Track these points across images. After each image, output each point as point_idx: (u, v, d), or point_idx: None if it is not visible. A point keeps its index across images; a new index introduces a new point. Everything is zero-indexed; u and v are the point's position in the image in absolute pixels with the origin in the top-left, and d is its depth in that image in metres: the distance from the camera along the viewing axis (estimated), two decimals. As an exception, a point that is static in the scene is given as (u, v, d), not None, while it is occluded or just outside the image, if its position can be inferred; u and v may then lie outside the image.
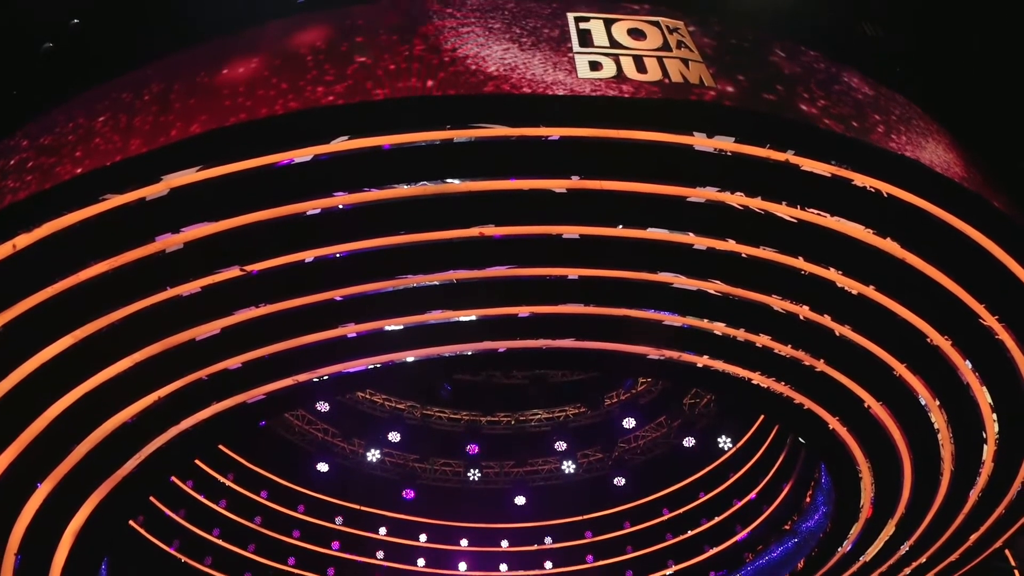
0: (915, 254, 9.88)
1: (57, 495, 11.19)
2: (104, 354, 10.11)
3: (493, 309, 11.96)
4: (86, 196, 8.30)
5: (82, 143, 8.29)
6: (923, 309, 10.78)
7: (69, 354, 9.68)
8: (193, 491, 28.15)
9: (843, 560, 18.01)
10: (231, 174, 8.54)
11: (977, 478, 14.02)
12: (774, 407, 14.48)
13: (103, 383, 10.31)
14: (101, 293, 9.29)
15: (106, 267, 9.06)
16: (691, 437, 30.98)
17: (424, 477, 33.42)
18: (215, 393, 11.72)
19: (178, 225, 9.03)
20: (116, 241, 8.95)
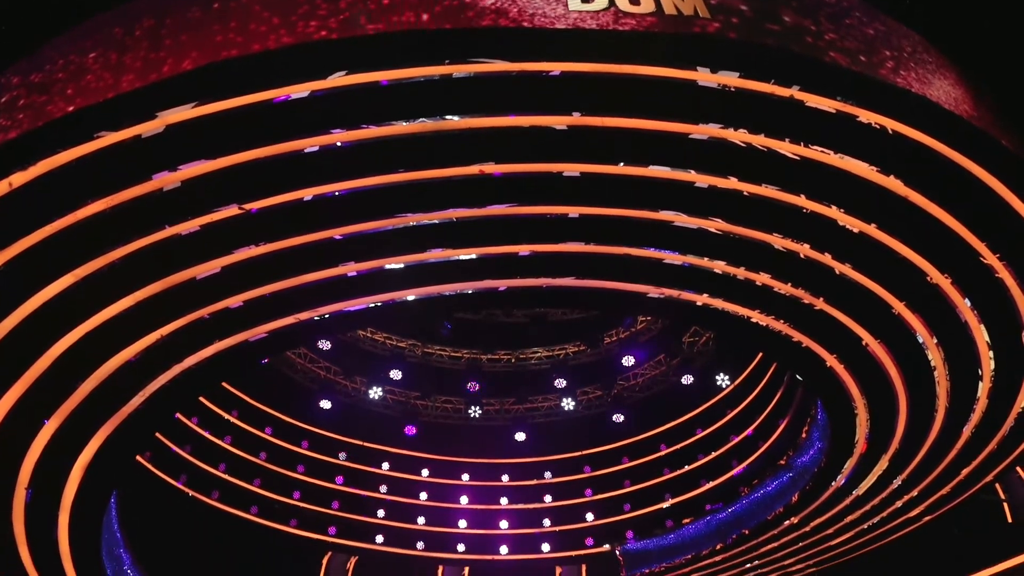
0: (918, 192, 9.80)
1: (64, 432, 11.35)
2: (105, 293, 10.13)
3: (493, 248, 11.93)
4: (80, 134, 8.20)
5: (73, 80, 8.14)
6: (924, 247, 10.75)
7: (70, 293, 9.69)
8: (198, 427, 28.61)
9: (836, 494, 18.38)
10: (227, 111, 8.41)
11: (971, 414, 14.20)
12: (773, 345, 14.59)
13: (105, 322, 10.36)
14: (100, 232, 9.25)
15: (104, 205, 9.00)
16: (690, 375, 31.35)
17: (425, 414, 33.92)
18: (217, 331, 11.78)
19: (175, 163, 8.94)
20: (113, 179, 8.87)
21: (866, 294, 11.81)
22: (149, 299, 10.46)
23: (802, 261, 11.57)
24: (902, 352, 13.01)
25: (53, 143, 8.19)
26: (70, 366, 10.55)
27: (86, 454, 12.07)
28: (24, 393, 10.50)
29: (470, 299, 13.83)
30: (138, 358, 11.17)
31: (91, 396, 11.17)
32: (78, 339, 10.34)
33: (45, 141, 8.12)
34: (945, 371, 13.08)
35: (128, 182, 8.96)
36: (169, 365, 11.87)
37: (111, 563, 15.22)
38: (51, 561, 13.72)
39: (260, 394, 30.88)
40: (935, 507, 18.84)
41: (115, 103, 7.87)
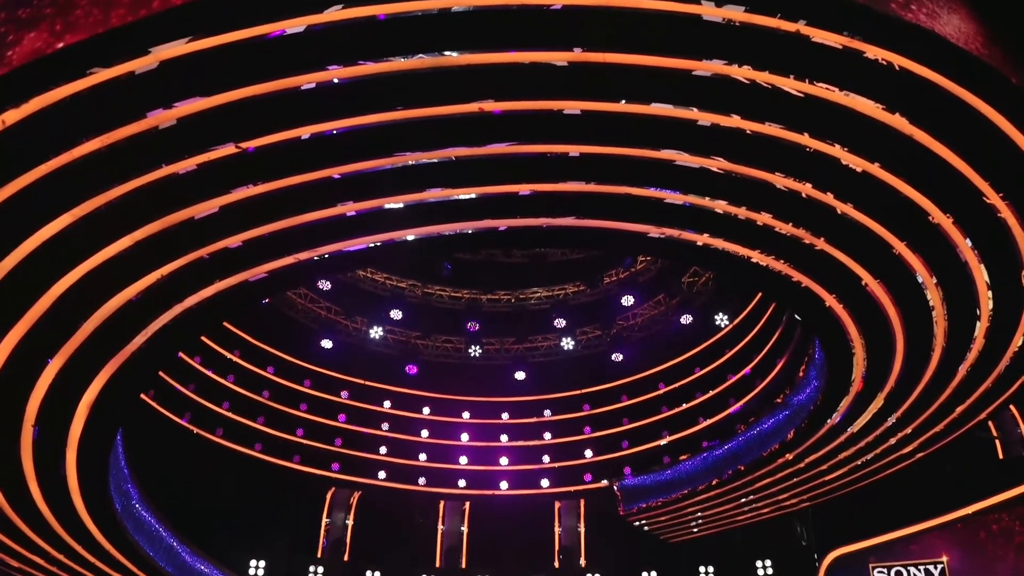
0: (923, 130, 9.66)
1: (68, 370, 11.46)
2: (103, 232, 10.09)
3: (493, 187, 11.85)
4: (71, 71, 8.04)
5: (61, 16, 7.93)
6: (927, 187, 10.67)
7: (68, 232, 9.65)
8: (201, 367, 28.92)
9: (831, 431, 18.66)
10: (222, 46, 8.23)
11: (968, 354, 14.32)
12: (772, 285, 14.60)
13: (105, 261, 10.34)
14: (96, 171, 9.16)
15: (99, 144, 8.89)
16: (689, 314, 31.55)
17: (426, 353, 34.24)
18: (217, 271, 11.78)
19: (170, 100, 8.79)
20: (108, 117, 8.74)
21: (867, 234, 11.77)
22: (148, 239, 10.42)
23: (804, 201, 11.49)
24: (901, 292, 13.04)
25: (45, 80, 8.04)
26: (72, 305, 10.58)
27: (91, 392, 12.21)
28: (27, 332, 10.56)
29: (470, 239, 13.79)
30: (139, 298, 11.20)
31: (94, 335, 11.24)
32: (79, 278, 10.35)
33: (37, 78, 7.98)
34: (943, 311, 13.14)
35: (123, 120, 8.83)
36: (170, 305, 11.91)
37: (119, 497, 15.56)
38: (61, 496, 14.03)
39: (262, 334, 31.13)
40: (928, 444, 19.16)
41: (106, 38, 7.70)
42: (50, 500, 14.17)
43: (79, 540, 15.82)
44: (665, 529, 28.49)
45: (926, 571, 21.13)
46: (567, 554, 31.83)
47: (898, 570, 21.72)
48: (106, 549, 16.22)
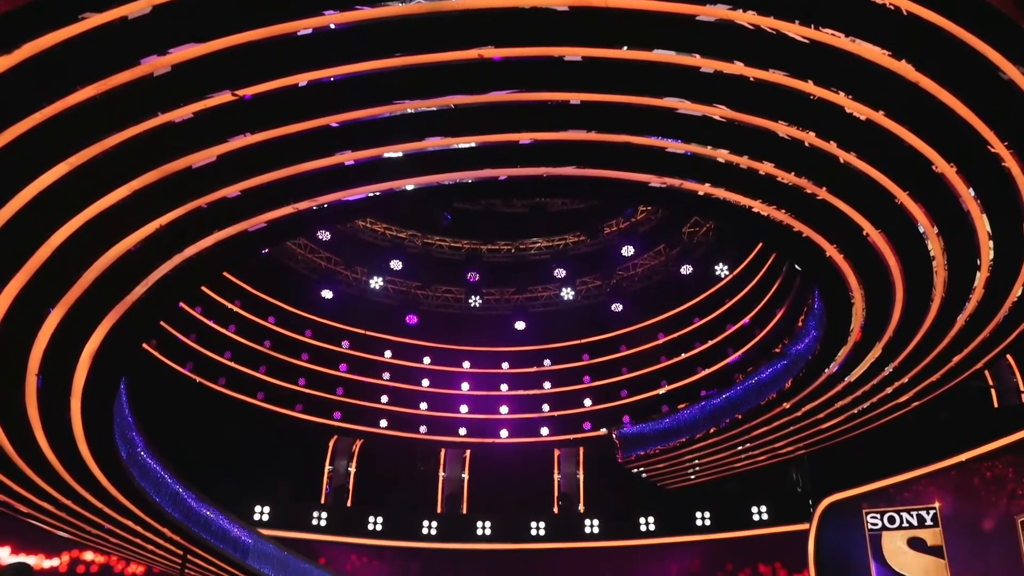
0: (929, 77, 9.51)
1: (70, 320, 11.49)
2: (100, 182, 10.01)
3: (493, 136, 11.72)
4: (63, 15, 7.87)
5: (49, -44, 7.75)
6: (932, 135, 10.55)
7: (65, 182, 9.58)
8: (202, 316, 29.06)
9: (829, 380, 18.83)
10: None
11: (967, 304, 14.36)
12: (773, 235, 14.56)
13: (103, 211, 10.29)
14: (91, 119, 9.05)
15: (93, 92, 8.76)
16: (689, 264, 31.57)
17: (426, 303, 34.35)
18: (216, 221, 11.73)
19: (164, 46, 8.63)
20: (101, 64, 8.59)
21: (869, 183, 11.69)
22: (146, 188, 10.35)
23: (807, 150, 11.38)
24: (902, 242, 13.01)
25: (36, 26, 7.89)
26: (71, 255, 10.56)
27: (93, 342, 12.27)
28: (27, 282, 10.56)
29: (470, 188, 13.71)
30: (138, 248, 11.17)
31: (94, 285, 11.24)
32: (77, 228, 10.30)
33: (27, 24, 7.82)
34: (943, 261, 13.13)
35: (117, 67, 8.68)
36: (170, 255, 11.88)
37: (124, 445, 15.76)
38: (67, 444, 14.21)
39: (262, 284, 31.22)
40: (924, 393, 19.34)
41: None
42: (56, 448, 14.36)
43: (86, 487, 16.08)
44: (663, 476, 28.95)
45: (918, 516, 21.53)
46: (566, 500, 32.43)
47: (891, 515, 22.12)
48: (113, 495, 16.49)
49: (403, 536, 30.26)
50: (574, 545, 30.31)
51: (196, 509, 19.14)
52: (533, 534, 30.90)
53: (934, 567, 20.95)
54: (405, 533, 30.38)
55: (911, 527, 21.62)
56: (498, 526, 31.09)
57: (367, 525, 30.19)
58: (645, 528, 29.82)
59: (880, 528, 22.33)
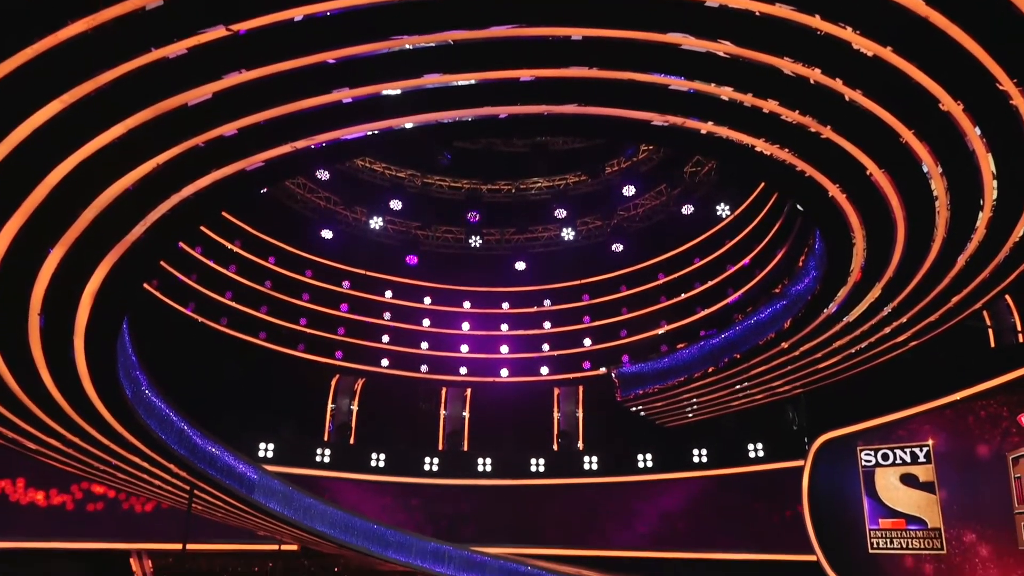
0: (939, 11, 9.29)
1: (70, 260, 11.47)
2: (95, 120, 9.87)
3: (493, 72, 11.50)
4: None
5: None
6: (940, 72, 10.36)
7: (60, 120, 9.44)
8: (203, 257, 29.05)
9: (827, 320, 18.91)
10: (206, -81, 7.81)
11: (968, 244, 14.32)
12: (776, 174, 14.43)
13: (99, 150, 10.16)
14: (83, 54, 8.87)
15: (85, 26, 8.55)
16: (690, 204, 31.41)
17: (426, 244, 34.30)
18: (213, 160, 11.60)
19: (155, -21, 8.41)
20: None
21: (875, 122, 11.53)
22: (141, 126, 10.20)
23: (812, 87, 11.19)
24: (906, 182, 12.91)
25: (23, -44, 7.68)
26: (68, 195, 10.47)
27: (94, 282, 12.27)
28: (26, 222, 10.50)
29: (470, 127, 13.50)
30: (136, 187, 11.07)
31: (93, 225, 11.18)
32: (74, 167, 10.20)
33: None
34: (947, 201, 13.05)
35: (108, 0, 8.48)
36: (168, 194, 11.78)
37: (129, 384, 15.91)
38: (72, 383, 14.35)
39: (262, 224, 31.12)
40: (922, 333, 19.44)
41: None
42: (62, 387, 14.50)
43: (93, 424, 16.30)
44: (661, 414, 29.35)
45: (911, 453, 21.91)
46: (565, 438, 32.94)
47: (884, 452, 22.52)
48: (119, 432, 16.73)
49: (405, 472, 30.84)
50: (573, 481, 30.92)
51: (201, 446, 19.44)
52: (532, 470, 31.49)
53: (925, 502, 21.43)
54: (407, 470, 30.95)
55: (904, 464, 22.03)
56: (498, 463, 31.66)
57: (370, 462, 30.74)
58: (643, 465, 30.36)
59: (874, 465, 22.76)
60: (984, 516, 19.58)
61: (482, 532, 28.38)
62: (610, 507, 29.95)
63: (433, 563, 23.50)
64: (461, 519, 29.69)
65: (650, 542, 28.70)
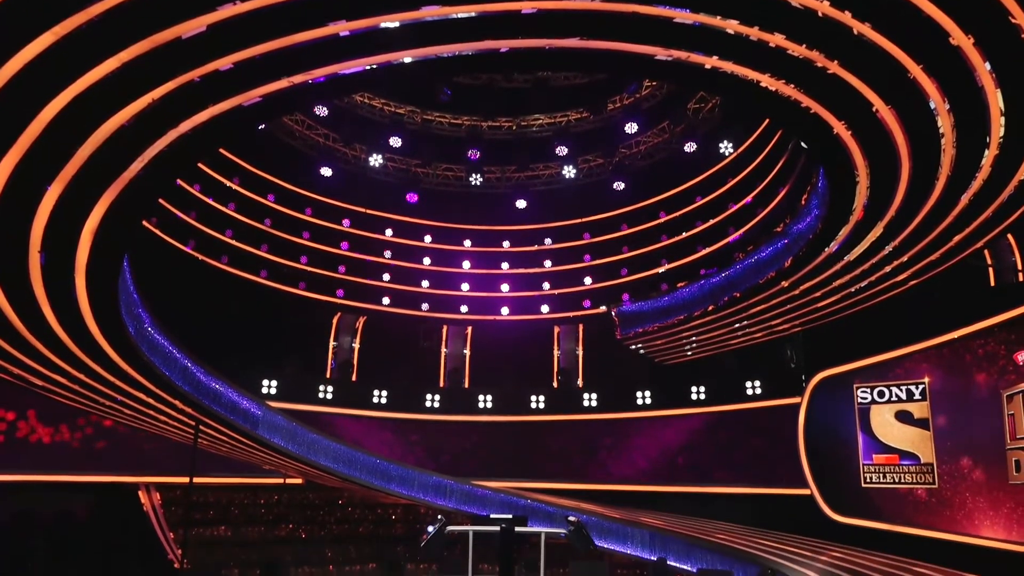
0: (954, -59, 9.04)
1: (68, 197, 11.40)
2: (89, 53, 9.67)
3: (493, 4, 11.22)
4: None
5: None
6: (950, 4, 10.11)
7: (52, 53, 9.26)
8: (201, 194, 28.91)
9: (828, 259, 18.91)
10: None
11: (972, 182, 14.22)
12: (780, 111, 14.23)
13: (93, 84, 10.00)
14: (73, -15, 8.66)
15: (73, -45, 8.34)
16: (693, 142, 31.10)
17: (426, 181, 34.09)
18: (209, 95, 11.43)
19: (144, -96, 8.15)
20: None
21: (883, 57, 11.30)
22: (136, 60, 10.01)
23: (820, 20, 10.94)
24: (912, 119, 12.74)
25: None
26: (63, 131, 10.35)
27: (93, 219, 12.23)
28: (21, 158, 10.41)
29: (469, 61, 13.25)
30: (131, 123, 10.93)
31: (89, 161, 11.08)
32: (68, 102, 10.05)
33: None
34: (953, 138, 12.90)
35: (96, -73, 8.23)
36: (164, 131, 11.65)
37: (132, 321, 16.01)
38: (74, 320, 14.44)
39: (260, 161, 30.87)
40: (923, 272, 19.47)
41: None
42: (65, 324, 14.60)
43: (97, 361, 16.46)
44: (660, 352, 29.63)
45: (907, 391, 22.18)
46: (565, 375, 33.32)
47: (881, 390, 22.79)
48: (124, 369, 16.91)
49: (406, 409, 31.30)
50: (572, 417, 31.40)
51: (206, 383, 19.68)
52: (533, 407, 31.95)
53: (919, 438, 21.78)
54: (408, 406, 31.40)
55: (899, 401, 22.32)
56: (499, 400, 32.10)
57: (372, 398, 31.16)
58: (642, 402, 30.77)
59: (869, 402, 23.06)
60: (976, 452, 19.93)
61: (483, 467, 28.96)
62: (609, 442, 30.49)
63: (435, 496, 24.05)
64: (462, 454, 30.25)
65: (649, 476, 29.31)
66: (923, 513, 21.29)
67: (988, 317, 19.54)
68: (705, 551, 19.82)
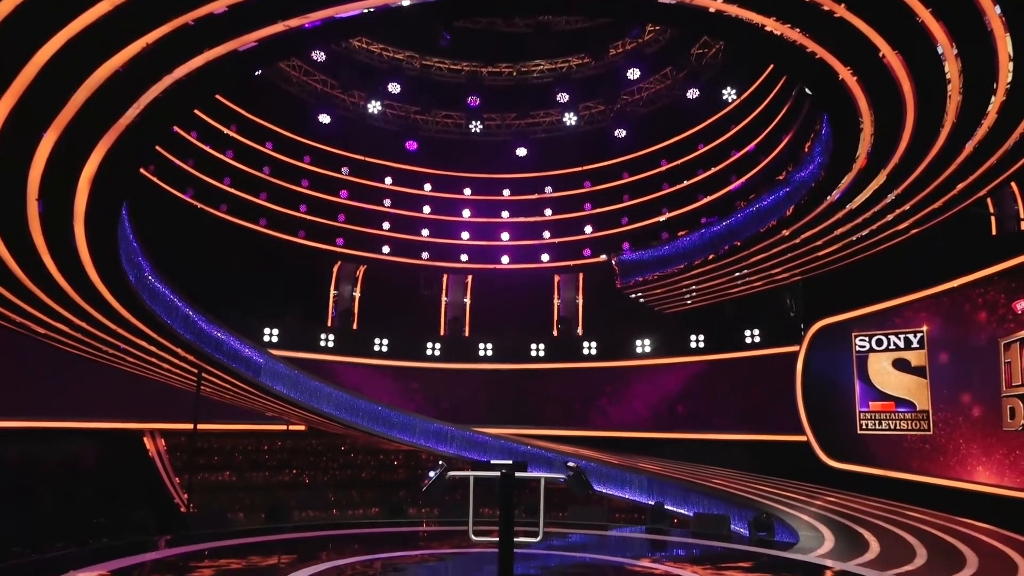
0: None
1: (64, 143, 11.30)
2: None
3: (493, -55, 10.97)
4: None
5: None
6: (962, -55, 9.89)
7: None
8: (199, 142, 28.65)
9: (830, 208, 18.82)
10: None
11: (977, 129, 14.06)
12: (785, 56, 13.98)
13: (86, 27, 9.80)
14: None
15: None
16: (696, 88, 30.70)
17: (426, 129, 33.75)
18: (204, 40, 11.22)
19: None
20: None
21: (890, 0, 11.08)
22: (129, 3, 9.81)
23: (827, -39, 10.70)
24: (919, 64, 12.52)
25: None
26: (57, 75, 10.20)
27: (90, 166, 12.14)
28: (16, 104, 10.28)
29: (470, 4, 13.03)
30: (126, 68, 10.76)
31: (85, 107, 10.95)
32: (61, 46, 9.88)
33: None
34: (959, 84, 12.71)
35: None
36: (159, 76, 11.47)
37: (132, 270, 16.02)
38: (75, 268, 14.44)
39: (258, 108, 30.53)
40: (925, 220, 19.40)
41: None
42: (65, 273, 14.61)
43: (98, 309, 16.51)
44: (660, 301, 29.70)
45: (905, 339, 22.30)
46: (565, 324, 33.47)
47: (879, 338, 22.91)
48: (125, 317, 16.97)
49: (407, 357, 31.53)
50: (572, 365, 31.65)
51: (207, 331, 19.78)
52: (533, 355, 32.18)
53: (915, 385, 21.99)
54: (409, 354, 31.62)
55: (897, 349, 22.46)
56: (499, 348, 32.31)
57: (373, 347, 31.36)
58: (641, 350, 30.97)
59: (867, 350, 23.21)
60: (972, 399, 20.13)
61: (483, 414, 29.30)
62: (608, 390, 30.79)
63: (436, 443, 24.38)
64: (463, 402, 30.57)
65: (648, 423, 29.67)
66: (917, 459, 21.62)
67: (989, 265, 19.53)
68: (702, 496, 20.17)
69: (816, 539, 14.47)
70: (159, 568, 11.39)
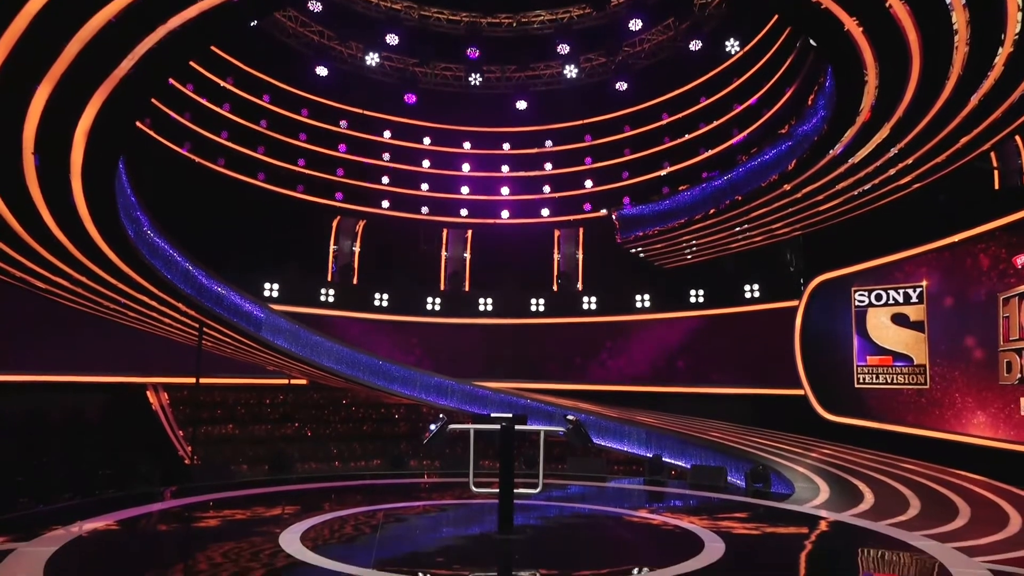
0: None
1: (58, 96, 11.16)
2: (70, -57, 9.29)
3: None
4: None
5: None
6: None
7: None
8: (195, 95, 28.34)
9: (832, 162, 18.69)
10: None
11: (983, 82, 13.89)
12: (790, 7, 13.78)
13: (76, -23, 9.65)
14: None
15: None
16: (698, 40, 30.21)
17: (425, 81, 33.31)
18: (198, -11, 11.02)
19: None
20: None
21: (899, -53, 10.85)
22: (119, -50, 9.63)
23: (835, -93, 10.44)
24: (925, 14, 12.32)
25: None
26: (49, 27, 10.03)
27: (85, 119, 12.01)
28: (8, 56, 10.12)
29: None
30: (118, 18, 10.57)
31: (78, 59, 10.78)
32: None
33: None
34: (966, 35, 12.51)
35: None
36: (153, 26, 11.28)
37: (131, 224, 15.97)
38: (73, 223, 14.39)
39: (254, 61, 30.10)
40: (928, 175, 19.28)
41: None
42: (64, 228, 14.55)
43: (98, 263, 16.50)
44: (660, 256, 29.68)
45: (904, 294, 22.34)
46: (565, 279, 33.49)
47: (878, 293, 22.95)
48: (124, 271, 16.97)
49: (408, 312, 31.62)
50: (572, 320, 31.75)
51: (208, 286, 19.80)
52: (533, 310, 32.27)
53: (913, 340, 22.10)
54: (410, 309, 31.71)
55: (896, 304, 22.52)
56: (499, 303, 32.39)
57: (373, 302, 31.43)
58: (641, 305, 31.04)
59: (867, 305, 23.27)
60: (969, 353, 20.24)
61: (483, 369, 29.48)
62: (608, 344, 30.95)
63: (436, 396, 24.59)
64: (463, 356, 30.72)
65: (647, 378, 29.88)
66: (913, 412, 21.83)
67: (991, 220, 19.47)
68: (699, 448, 20.42)
69: (811, 490, 14.70)
70: (165, 518, 11.58)
